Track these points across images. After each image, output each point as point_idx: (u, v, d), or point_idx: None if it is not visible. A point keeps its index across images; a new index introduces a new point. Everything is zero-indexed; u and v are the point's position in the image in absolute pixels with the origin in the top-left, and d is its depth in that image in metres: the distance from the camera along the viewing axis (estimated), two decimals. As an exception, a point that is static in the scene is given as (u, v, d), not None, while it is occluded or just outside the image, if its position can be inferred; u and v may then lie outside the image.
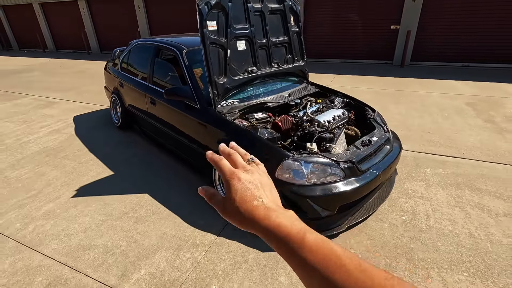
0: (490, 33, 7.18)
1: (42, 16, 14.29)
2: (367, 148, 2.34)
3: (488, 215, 2.36)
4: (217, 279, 1.87)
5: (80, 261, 2.04)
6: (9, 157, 3.63)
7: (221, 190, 2.55)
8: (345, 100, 3.14)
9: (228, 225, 2.35)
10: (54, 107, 5.64)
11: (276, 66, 3.11)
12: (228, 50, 2.63)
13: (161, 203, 2.64)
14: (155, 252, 2.10)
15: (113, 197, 2.75)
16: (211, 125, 2.55)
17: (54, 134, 4.31)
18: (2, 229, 2.38)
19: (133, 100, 3.79)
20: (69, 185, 2.97)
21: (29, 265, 2.02)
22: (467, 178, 2.86)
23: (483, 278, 1.82)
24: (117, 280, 1.89)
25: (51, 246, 2.18)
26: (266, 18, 2.92)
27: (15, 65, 11.07)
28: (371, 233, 2.22)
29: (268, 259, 2.01)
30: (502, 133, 3.79)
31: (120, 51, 4.60)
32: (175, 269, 1.96)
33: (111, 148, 3.79)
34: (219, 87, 2.59)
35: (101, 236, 2.27)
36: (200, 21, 2.38)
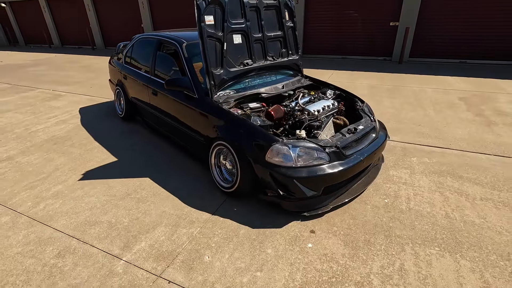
0: (488, 30, 7.26)
1: (48, 12, 14.52)
2: (353, 135, 2.51)
3: (465, 199, 2.52)
4: (210, 250, 2.06)
5: (86, 234, 2.25)
6: (20, 145, 3.85)
7: (217, 174, 2.74)
8: (336, 92, 3.30)
9: (223, 205, 2.54)
10: (61, 99, 5.86)
11: (271, 59, 3.28)
12: (225, 44, 2.80)
13: (161, 186, 2.83)
14: (155, 228, 2.29)
15: (117, 180, 2.95)
16: (207, 113, 2.73)
17: (61, 124, 4.52)
18: (15, 206, 2.60)
19: (136, 92, 3.98)
20: (75, 169, 3.18)
21: (41, 237, 2.23)
22: (451, 167, 3.02)
23: (452, 252, 1.99)
24: (120, 250, 2.09)
25: (61, 222, 2.39)
26: (262, 13, 3.08)
27: (23, 60, 11.33)
28: (354, 213, 2.40)
29: (257, 234, 2.20)
30: (490, 126, 3.93)
31: (124, 45, 4.79)
32: (172, 242, 2.15)
33: (115, 137, 3.99)
34: (215, 78, 2.76)
35: (106, 213, 2.48)
36: (198, 15, 2.56)
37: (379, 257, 1.97)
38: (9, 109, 5.33)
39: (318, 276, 1.84)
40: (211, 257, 2.01)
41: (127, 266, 1.95)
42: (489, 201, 2.48)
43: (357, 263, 1.93)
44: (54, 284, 1.84)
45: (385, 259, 1.95)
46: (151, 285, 1.81)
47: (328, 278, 1.83)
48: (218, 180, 2.71)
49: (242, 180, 2.44)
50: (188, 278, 1.85)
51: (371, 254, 1.99)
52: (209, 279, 1.84)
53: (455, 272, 1.84)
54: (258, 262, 1.96)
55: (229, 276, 1.86)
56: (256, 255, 2.02)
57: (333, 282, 1.80)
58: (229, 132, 2.52)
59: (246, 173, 2.40)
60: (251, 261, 1.96)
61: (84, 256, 2.05)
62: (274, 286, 1.79)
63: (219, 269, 1.91)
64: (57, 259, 2.03)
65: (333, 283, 1.79)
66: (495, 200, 2.49)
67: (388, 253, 2.00)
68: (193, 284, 1.81)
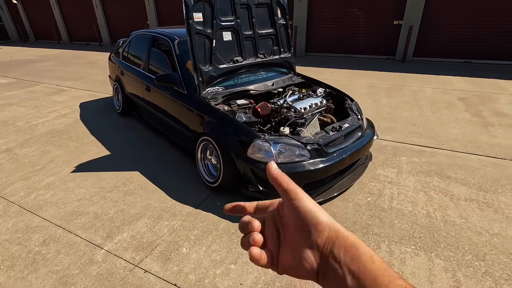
0: (494, 29, 7.10)
1: (57, 9, 14.81)
2: (336, 133, 2.52)
3: (449, 199, 2.51)
4: (188, 243, 2.11)
5: (72, 224, 2.32)
6: (19, 137, 3.97)
7: (203, 168, 2.79)
8: (326, 90, 3.30)
9: (207, 199, 2.59)
10: (63, 94, 6.00)
11: (262, 56, 3.30)
12: (214, 41, 2.84)
13: (150, 180, 2.89)
14: (138, 219, 2.36)
15: (108, 173, 3.02)
16: (195, 109, 2.78)
17: (61, 118, 4.64)
18: (8, 196, 2.70)
19: (132, 88, 4.06)
20: (69, 162, 3.27)
21: (29, 225, 2.32)
22: (439, 167, 3.00)
23: (427, 251, 1.99)
24: (102, 240, 2.15)
25: (49, 212, 2.47)
26: (253, 11, 3.09)
27: (32, 55, 11.60)
28: (335, 211, 2.41)
29: (236, 228, 2.23)
30: (487, 127, 3.87)
31: (123, 41, 4.87)
32: (153, 233, 2.21)
33: (111, 131, 4.08)
34: (204, 74, 2.80)
35: (93, 205, 2.55)
36: (186, 12, 2.60)
37: (353, 253, 1.98)
38: (13, 103, 5.49)
39: (290, 270, 1.87)
40: (189, 249, 2.06)
41: (107, 255, 2.02)
42: (473, 202, 2.46)
43: (331, 259, 1.95)
44: (36, 270, 1.92)
45: (359, 255, 1.96)
46: (128, 274, 1.87)
47: (300, 273, 1.85)
48: (203, 175, 2.76)
49: (225, 175, 2.48)
50: (163, 268, 1.90)
51: (346, 251, 2.01)
52: (184, 269, 1.89)
53: (428, 270, 1.85)
54: (233, 255, 1.99)
55: (204, 267, 1.90)
56: (233, 248, 2.06)
57: (304, 277, 1.82)
58: (214, 127, 2.56)
59: (229, 168, 2.44)
60: (227, 254, 2.00)
61: (67, 244, 2.12)
62: (246, 278, 1.82)
63: (195, 261, 1.95)
64: (41, 246, 2.11)
65: (304, 277, 1.82)
66: (479, 201, 2.47)
67: (363, 250, 2.01)
68: (168, 274, 1.86)
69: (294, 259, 0.35)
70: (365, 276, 0.30)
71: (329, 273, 0.32)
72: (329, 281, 0.32)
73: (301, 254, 0.34)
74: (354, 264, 0.31)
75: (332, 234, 0.33)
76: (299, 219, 0.35)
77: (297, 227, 0.35)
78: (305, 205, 0.36)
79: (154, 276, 1.85)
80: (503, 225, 2.20)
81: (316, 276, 0.34)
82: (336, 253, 0.32)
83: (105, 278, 1.85)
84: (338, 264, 0.31)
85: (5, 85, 6.94)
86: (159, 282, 1.81)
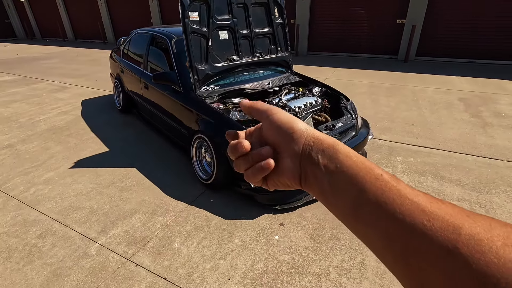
0: (498, 29, 7.02)
1: (62, 7, 14.96)
2: (330, 132, 2.54)
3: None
4: (180, 238, 2.15)
5: (68, 218, 2.38)
6: (21, 134, 4.05)
7: (197, 166, 2.83)
8: (322, 90, 3.32)
9: (201, 196, 2.63)
10: (66, 91, 6.09)
11: (259, 55, 3.32)
12: (210, 39, 2.87)
13: (146, 176, 2.94)
14: (133, 215, 2.40)
15: (105, 170, 3.08)
16: (190, 107, 2.81)
17: (62, 115, 4.72)
18: (8, 190, 2.76)
19: (131, 85, 4.11)
20: (69, 158, 3.34)
21: (27, 219, 2.38)
22: (434, 167, 3.00)
23: (416, 250, 2.00)
24: (97, 234, 2.21)
25: (47, 206, 2.53)
26: (250, 10, 3.12)
27: (37, 53, 11.75)
28: (326, 209, 2.42)
29: (228, 225, 2.27)
30: (485, 128, 3.85)
31: (124, 40, 4.92)
32: (146, 228, 2.25)
33: (111, 128, 4.14)
34: (199, 73, 2.84)
35: (90, 200, 2.61)
36: (182, 11, 2.63)
37: (341, 251, 2.01)
38: (17, 100, 5.59)
39: (278, 267, 1.90)
40: (180, 244, 2.10)
41: (101, 249, 2.07)
42: (466, 202, 2.47)
43: (319, 256, 1.98)
44: (31, 262, 1.98)
45: (347, 253, 1.99)
46: (120, 267, 1.92)
47: (288, 269, 1.88)
48: (198, 172, 2.80)
49: (218, 172, 2.52)
50: (154, 262, 1.94)
51: (334, 249, 2.03)
52: (174, 264, 1.93)
53: (414, 269, 1.86)
54: (223, 251, 2.03)
55: (194, 262, 1.94)
56: (223, 244, 2.09)
57: (291, 273, 1.85)
58: (208, 125, 2.59)
59: (222, 165, 2.48)
60: (217, 250, 2.04)
61: (63, 238, 2.18)
62: (235, 273, 1.86)
63: (186, 256, 2.00)
64: (38, 239, 2.17)
65: (291, 273, 1.85)
66: (472, 201, 2.47)
67: (351, 248, 2.03)
68: (159, 268, 1.91)
69: (279, 170, 0.36)
70: (342, 172, 0.30)
71: (310, 177, 0.33)
72: (311, 184, 0.33)
73: (284, 164, 0.36)
74: (332, 163, 0.32)
75: (309, 139, 0.34)
76: (277, 131, 0.36)
77: (276, 139, 0.37)
78: (280, 116, 0.37)
79: (145, 270, 1.89)
80: (493, 225, 2.20)
81: (299, 181, 0.35)
82: (314, 155, 0.33)
83: (97, 271, 1.90)
84: (317, 165, 0.32)
85: (10, 82, 7.06)
86: (150, 275, 1.85)
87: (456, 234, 0.22)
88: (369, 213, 0.28)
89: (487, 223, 0.23)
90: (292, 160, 0.35)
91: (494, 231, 0.22)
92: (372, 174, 0.29)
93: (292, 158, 0.35)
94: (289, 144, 0.35)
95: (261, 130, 0.40)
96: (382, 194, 0.28)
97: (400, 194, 0.27)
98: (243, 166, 0.38)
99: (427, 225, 0.24)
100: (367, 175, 0.29)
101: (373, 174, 0.29)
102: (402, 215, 0.26)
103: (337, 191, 0.31)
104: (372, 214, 0.28)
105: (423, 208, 0.25)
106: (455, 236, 0.22)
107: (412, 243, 0.24)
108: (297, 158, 0.35)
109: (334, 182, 0.31)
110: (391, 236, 0.26)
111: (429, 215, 0.25)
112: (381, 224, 0.27)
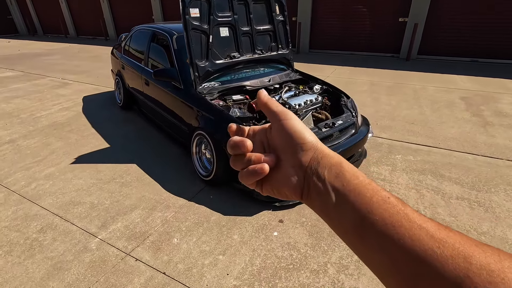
0: (502, 27, 6.97)
1: (64, 3, 14.95)
2: (329, 130, 2.54)
3: (441, 198, 2.51)
4: (179, 233, 2.17)
5: (69, 213, 2.40)
6: (23, 129, 4.07)
7: (197, 162, 2.84)
8: (323, 87, 3.31)
9: (200, 192, 2.64)
10: (68, 87, 6.10)
11: (259, 52, 3.32)
12: (210, 36, 2.87)
13: (146, 172, 2.96)
14: (133, 210, 2.42)
15: (106, 165, 3.10)
16: (191, 103, 2.82)
17: (63, 111, 4.74)
18: (10, 185, 2.79)
19: (132, 82, 4.12)
20: (70, 154, 3.36)
21: (28, 214, 2.40)
22: (434, 165, 3.00)
23: (414, 247, 2.01)
24: (97, 229, 2.23)
25: (48, 201, 2.55)
26: (250, 7, 3.11)
27: (39, 49, 11.77)
28: (325, 206, 2.44)
29: (227, 221, 2.28)
30: (486, 127, 3.84)
31: (125, 36, 4.92)
32: (146, 224, 2.27)
33: (111, 125, 4.15)
34: (200, 69, 2.84)
35: (90, 195, 2.62)
36: (183, 8, 2.63)
37: (340, 248, 2.02)
38: (18, 95, 5.61)
39: (276, 263, 1.91)
40: (180, 239, 2.11)
41: (101, 244, 2.08)
42: (464, 201, 2.47)
43: (318, 252, 1.99)
44: (32, 255, 2.00)
45: (346, 250, 2.00)
46: (119, 261, 1.94)
47: (286, 265, 1.90)
48: (198, 168, 2.81)
49: (218, 168, 2.53)
50: (154, 257, 1.96)
51: (333, 245, 2.04)
52: (173, 259, 1.95)
53: (412, 266, 1.87)
54: (222, 247, 2.04)
55: (193, 257, 1.96)
56: (222, 240, 2.11)
57: (290, 269, 1.87)
58: (208, 122, 2.60)
59: (222, 162, 2.49)
60: (216, 245, 2.06)
61: (63, 232, 2.20)
62: (233, 269, 1.87)
63: (185, 251, 2.01)
64: (39, 234, 2.19)
65: (289, 269, 1.86)
66: (471, 200, 2.47)
67: (350, 245, 2.04)
68: (158, 263, 1.92)
69: (279, 178, 0.35)
70: (349, 192, 0.30)
71: (313, 191, 0.33)
72: (314, 199, 0.33)
73: (286, 173, 0.35)
74: (338, 181, 0.31)
75: (318, 154, 0.34)
76: (286, 138, 0.36)
77: (283, 146, 0.36)
78: (294, 124, 0.36)
79: (144, 265, 1.91)
80: (492, 224, 2.21)
81: (300, 194, 0.34)
82: (320, 171, 0.32)
83: (97, 265, 1.92)
84: (323, 182, 0.32)
85: (12, 77, 7.08)
86: (149, 270, 1.87)
87: (467, 263, 0.22)
88: (375, 235, 0.27)
89: (495, 253, 0.23)
90: (295, 171, 0.34)
91: (504, 262, 0.22)
92: (379, 196, 0.29)
93: (296, 169, 0.34)
94: (296, 154, 0.35)
95: (268, 131, 0.39)
96: (389, 217, 0.27)
97: (408, 218, 0.27)
98: (239, 164, 0.38)
99: (438, 252, 0.23)
100: (374, 197, 0.29)
101: (380, 196, 0.29)
102: (411, 240, 0.25)
103: (341, 210, 0.30)
104: (378, 237, 0.27)
105: (432, 234, 0.25)
106: (467, 265, 0.22)
107: (421, 270, 0.24)
108: (301, 170, 0.34)
109: (339, 200, 0.30)
110: (398, 262, 0.25)
111: (439, 242, 0.24)
112: (387, 248, 0.26)
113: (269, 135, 0.39)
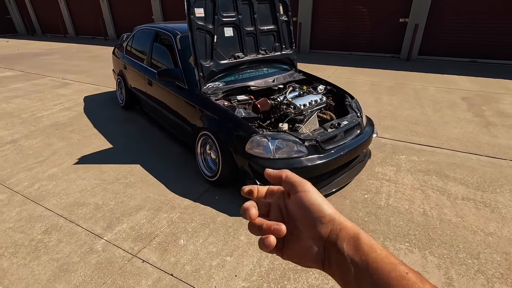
0: (501, 28, 7.00)
1: (63, 2, 14.88)
2: (335, 130, 2.54)
3: (446, 198, 2.51)
4: (186, 235, 2.15)
5: (74, 214, 2.38)
6: (24, 129, 4.04)
7: (202, 163, 2.82)
8: (327, 88, 3.31)
9: (206, 193, 2.63)
10: (68, 87, 6.07)
11: (263, 53, 3.31)
12: (215, 36, 2.86)
13: (150, 173, 2.94)
14: (138, 211, 2.41)
15: (109, 166, 3.08)
16: (195, 104, 2.81)
17: (65, 111, 4.71)
18: (13, 186, 2.76)
19: (135, 82, 4.10)
20: (72, 154, 3.33)
21: (32, 215, 2.38)
22: (438, 166, 3.00)
23: (421, 248, 2.01)
24: (102, 230, 2.21)
25: (51, 202, 2.53)
26: (255, 7, 3.10)
27: (38, 48, 11.70)
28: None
29: (234, 222, 2.27)
30: (488, 127, 3.85)
31: (127, 36, 4.90)
32: (152, 225, 2.25)
33: (113, 125, 4.13)
34: (204, 70, 2.83)
35: (94, 196, 2.61)
36: (188, 7, 2.62)
37: (347, 249, 2.01)
38: (19, 95, 5.57)
39: (285, 264, 1.90)
40: (186, 241, 2.10)
41: (107, 245, 2.07)
42: (470, 201, 2.47)
43: (325, 253, 1.98)
44: (38, 257, 1.98)
45: (353, 251, 1.99)
46: (126, 263, 1.92)
47: (294, 266, 1.89)
48: (202, 169, 2.80)
49: (223, 169, 2.52)
50: (161, 259, 1.95)
51: (340, 246, 2.03)
52: (181, 260, 1.94)
53: (421, 267, 1.87)
54: (229, 248, 2.03)
55: (200, 259, 1.95)
56: (229, 241, 2.10)
57: (298, 270, 1.86)
58: (213, 122, 2.59)
59: (227, 163, 2.47)
60: (223, 246, 2.04)
61: (68, 233, 2.18)
62: (241, 270, 1.86)
63: (192, 252, 2.00)
64: (44, 235, 2.17)
65: (298, 271, 1.85)
66: (477, 201, 2.48)
67: (357, 245, 2.04)
68: (165, 264, 1.91)
69: (299, 248, 0.36)
70: (367, 265, 0.31)
71: (334, 263, 0.34)
72: (335, 270, 0.34)
73: (306, 244, 0.36)
74: (356, 254, 0.32)
75: (336, 226, 0.35)
76: (304, 211, 0.36)
77: (302, 218, 0.36)
78: (311, 197, 0.37)
79: (151, 266, 1.89)
80: (499, 224, 2.21)
81: (322, 265, 0.35)
82: (339, 244, 0.33)
83: (104, 266, 1.90)
84: (342, 255, 0.33)
85: (11, 77, 7.03)
86: (156, 271, 1.86)
87: None
88: None
89: None
90: (315, 242, 0.35)
91: None
92: (398, 271, 0.30)
93: (316, 241, 0.35)
94: (315, 227, 0.35)
95: (286, 198, 0.39)
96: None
97: None
98: (254, 231, 0.38)
99: None
100: (392, 272, 0.30)
101: (399, 271, 0.30)
102: None
103: (361, 284, 0.31)
104: None
105: None
106: None
107: None
108: (321, 242, 0.35)
109: (358, 274, 0.31)
110: None
111: None
112: None
113: (286, 201, 0.39)
